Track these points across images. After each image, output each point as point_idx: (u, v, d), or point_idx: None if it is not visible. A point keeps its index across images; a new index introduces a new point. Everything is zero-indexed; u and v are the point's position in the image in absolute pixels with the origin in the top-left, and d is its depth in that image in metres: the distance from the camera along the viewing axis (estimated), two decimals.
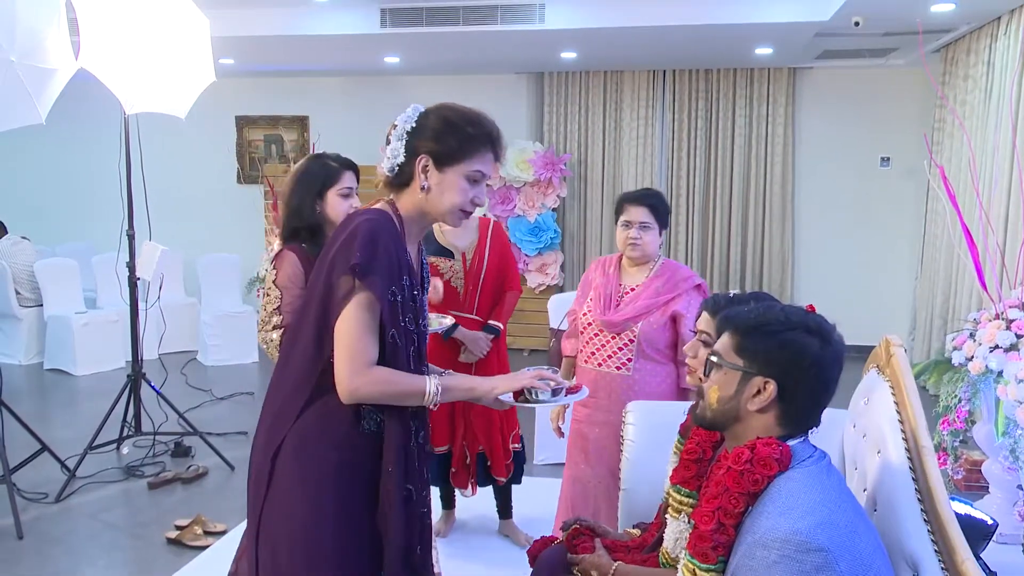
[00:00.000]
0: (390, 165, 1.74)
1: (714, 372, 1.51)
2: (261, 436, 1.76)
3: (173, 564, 3.35)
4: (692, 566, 1.41)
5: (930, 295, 5.98)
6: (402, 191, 1.76)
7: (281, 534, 1.69)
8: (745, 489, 1.37)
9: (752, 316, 1.48)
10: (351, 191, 2.62)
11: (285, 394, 1.73)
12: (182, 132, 5.98)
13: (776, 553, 1.27)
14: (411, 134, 1.72)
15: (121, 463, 4.42)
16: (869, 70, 6.94)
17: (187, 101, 4.22)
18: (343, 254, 1.64)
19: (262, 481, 1.71)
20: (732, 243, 7.31)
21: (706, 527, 1.39)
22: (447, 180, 1.72)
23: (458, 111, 1.74)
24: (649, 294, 2.76)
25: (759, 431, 1.45)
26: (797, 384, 1.43)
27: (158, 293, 4.63)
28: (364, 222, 1.67)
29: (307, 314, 1.72)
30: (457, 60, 6.92)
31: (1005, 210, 4.67)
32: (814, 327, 1.45)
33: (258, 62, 7.15)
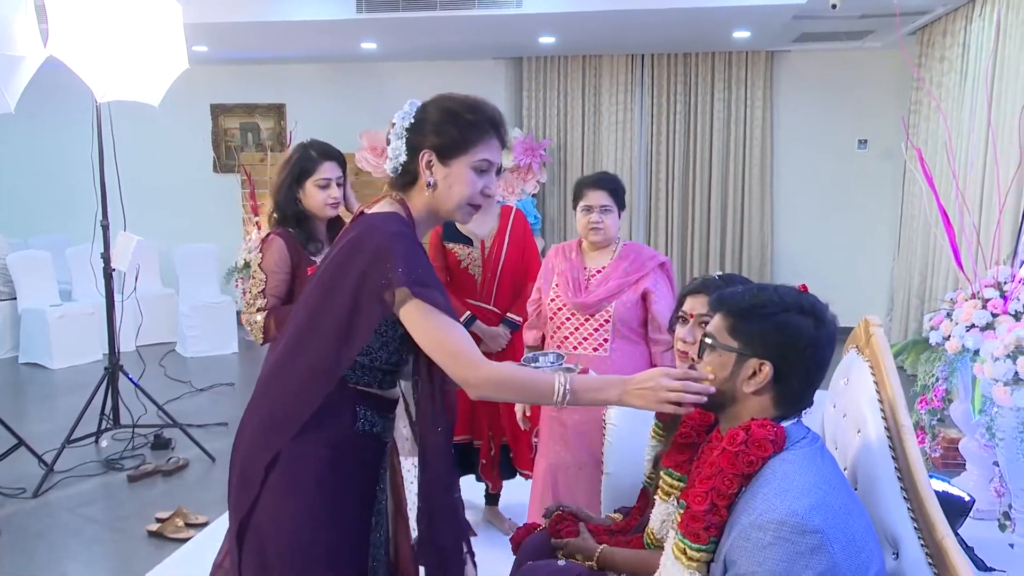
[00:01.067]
0: (393, 166, 1.69)
1: (708, 353, 1.50)
2: (250, 436, 1.68)
3: (154, 557, 3.32)
4: (683, 545, 1.40)
5: (907, 276, 6.03)
6: (410, 190, 1.70)
7: (270, 535, 1.64)
8: (740, 470, 1.37)
9: (746, 298, 1.47)
10: (329, 182, 2.62)
11: (287, 401, 1.65)
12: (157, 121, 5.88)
13: (771, 535, 1.27)
14: (411, 130, 1.66)
15: (100, 456, 4.38)
16: (846, 53, 6.97)
17: (160, 88, 4.15)
18: (382, 271, 1.57)
19: (252, 485, 1.64)
20: (712, 226, 7.33)
21: (699, 507, 1.38)
22: (453, 173, 1.65)
23: (455, 99, 1.68)
24: (619, 274, 2.79)
25: (754, 412, 1.45)
26: (792, 366, 1.43)
27: (134, 284, 4.57)
28: (394, 236, 1.60)
29: (320, 321, 1.64)
30: (434, 46, 6.86)
31: (980, 191, 4.71)
32: (808, 308, 1.45)
33: (233, 49, 7.05)
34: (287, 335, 1.71)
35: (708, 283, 1.89)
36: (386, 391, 1.73)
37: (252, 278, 2.58)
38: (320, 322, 1.64)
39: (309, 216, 2.66)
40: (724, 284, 1.86)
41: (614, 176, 2.91)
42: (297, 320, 1.70)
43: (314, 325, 1.65)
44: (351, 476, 1.68)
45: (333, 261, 1.67)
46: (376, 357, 1.67)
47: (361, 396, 1.68)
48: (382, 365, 1.68)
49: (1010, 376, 2.51)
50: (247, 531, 1.65)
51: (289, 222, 2.61)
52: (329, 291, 1.64)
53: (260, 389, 1.73)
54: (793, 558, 1.25)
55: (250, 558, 1.65)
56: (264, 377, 1.73)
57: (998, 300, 3.11)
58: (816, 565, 1.25)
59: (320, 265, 1.76)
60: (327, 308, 1.63)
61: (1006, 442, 2.56)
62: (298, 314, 1.71)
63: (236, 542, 1.67)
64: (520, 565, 1.99)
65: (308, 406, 1.63)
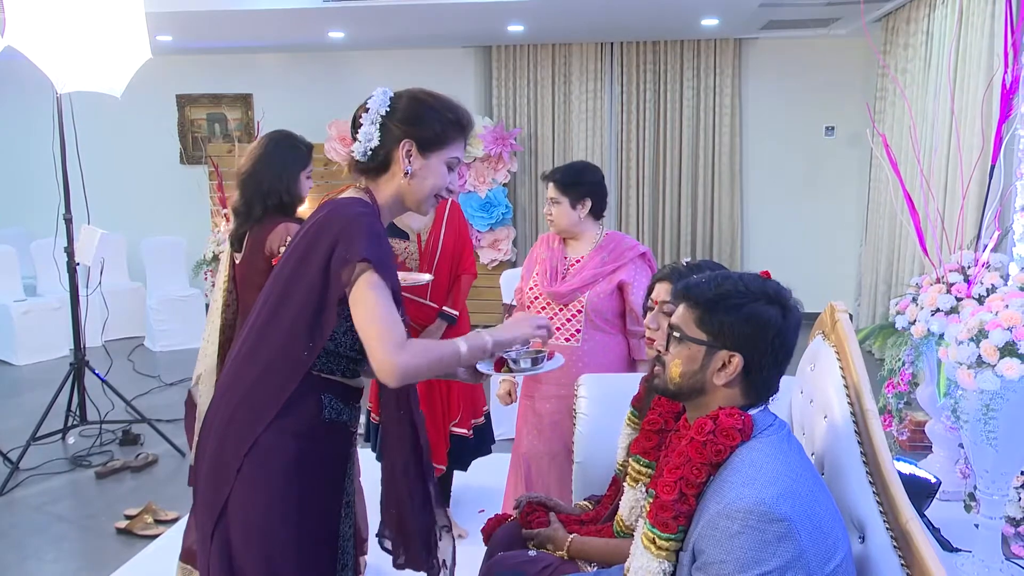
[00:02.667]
0: (363, 149, 1.70)
1: (675, 345, 1.49)
2: (223, 425, 1.65)
3: (124, 554, 3.28)
4: (652, 535, 1.40)
5: (874, 261, 6.11)
6: (378, 177, 1.73)
7: (239, 526, 1.62)
8: (708, 459, 1.37)
9: (711, 288, 1.46)
10: (310, 173, 2.76)
11: (259, 388, 1.63)
12: (121, 112, 5.80)
13: (739, 523, 1.27)
14: (386, 117, 1.69)
15: (67, 453, 4.32)
16: (812, 40, 7.01)
17: (122, 79, 4.08)
18: (346, 246, 1.58)
19: (226, 478, 1.62)
20: (682, 213, 7.37)
21: (668, 497, 1.38)
22: (430, 166, 1.72)
23: (434, 96, 1.74)
24: (595, 264, 2.77)
25: (722, 402, 1.45)
26: (762, 356, 1.43)
27: (99, 278, 4.50)
28: (360, 215, 1.64)
29: (286, 306, 1.64)
30: (403, 34, 6.81)
31: (944, 177, 4.77)
32: (774, 296, 1.44)
33: (198, 39, 6.94)
34: (254, 322, 1.70)
35: (675, 270, 1.90)
36: (350, 380, 1.73)
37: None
38: (289, 305, 1.64)
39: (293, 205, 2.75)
40: (692, 271, 1.87)
41: (568, 166, 2.88)
42: (263, 307, 1.69)
43: (283, 309, 1.65)
44: (322, 466, 1.68)
45: (299, 244, 1.68)
46: (341, 342, 1.66)
47: (326, 384, 1.68)
48: (346, 351, 1.68)
49: (973, 359, 2.54)
50: (220, 522, 1.63)
51: (288, 211, 2.67)
52: (297, 273, 1.64)
53: (229, 378, 1.70)
54: (760, 546, 1.26)
55: (219, 549, 1.63)
56: (233, 366, 1.71)
57: (962, 284, 3.16)
58: (783, 553, 1.26)
59: (284, 254, 1.75)
60: (296, 290, 1.64)
61: (970, 424, 2.59)
62: (265, 301, 1.69)
63: (208, 533, 1.64)
64: (491, 556, 1.99)
65: (281, 392, 1.62)
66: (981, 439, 2.59)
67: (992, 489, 2.67)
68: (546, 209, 2.87)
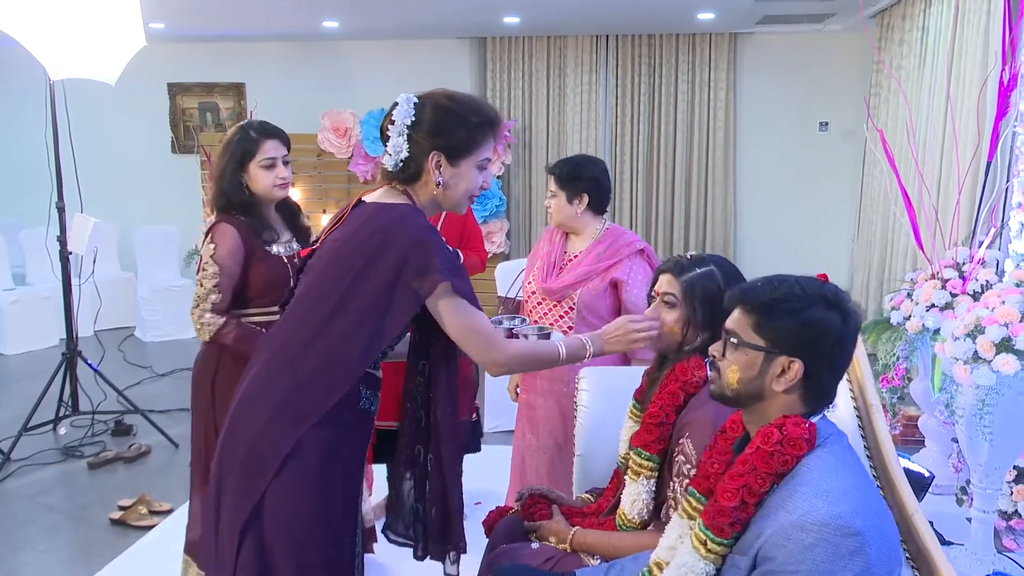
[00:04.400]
0: (394, 161, 1.73)
1: (731, 351, 1.45)
2: (265, 420, 1.65)
3: (118, 546, 3.27)
4: (705, 537, 1.39)
5: (867, 257, 6.13)
6: (412, 184, 1.76)
7: (273, 525, 1.63)
8: (774, 469, 1.35)
9: (767, 291, 1.42)
10: (274, 161, 2.43)
11: (312, 388, 1.65)
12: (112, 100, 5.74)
13: (814, 536, 1.26)
14: (412, 128, 1.71)
15: (58, 444, 4.29)
16: (807, 35, 7.02)
17: (116, 66, 4.04)
18: (420, 262, 1.64)
19: (266, 471, 1.62)
20: (676, 206, 7.37)
21: (728, 503, 1.37)
22: (460, 173, 1.75)
23: (456, 100, 1.75)
24: (590, 260, 2.74)
25: (782, 409, 1.42)
26: (821, 362, 1.39)
27: (92, 268, 4.46)
28: (427, 230, 1.69)
29: (346, 313, 1.65)
30: (397, 25, 6.77)
31: (938, 173, 4.79)
32: (833, 300, 1.40)
33: (191, 26, 6.88)
34: (299, 316, 1.72)
35: (678, 262, 1.89)
36: (377, 370, 1.79)
37: (203, 270, 2.40)
38: (349, 312, 1.66)
39: (257, 202, 2.48)
40: (695, 264, 1.86)
41: (569, 160, 2.84)
42: (311, 313, 1.70)
43: (341, 316, 1.66)
44: (352, 455, 1.73)
45: (355, 247, 1.68)
46: (390, 344, 1.73)
47: (363, 377, 1.72)
48: (385, 348, 1.73)
49: (970, 355, 2.56)
50: (253, 519, 1.63)
51: (236, 209, 2.43)
52: (360, 281, 1.66)
53: (273, 372, 1.70)
54: (833, 559, 1.25)
55: (252, 546, 1.63)
56: (276, 360, 1.71)
57: (957, 280, 3.18)
58: (854, 567, 1.26)
59: (324, 249, 1.76)
60: (358, 298, 1.65)
61: (966, 419, 2.61)
62: (314, 308, 1.70)
63: (238, 531, 1.63)
64: (493, 548, 2.00)
65: (330, 394, 1.65)
66: (976, 434, 2.61)
67: (986, 483, 2.70)
68: (546, 202, 2.86)
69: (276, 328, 1.83)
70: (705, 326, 1.82)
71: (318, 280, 1.72)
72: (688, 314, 1.83)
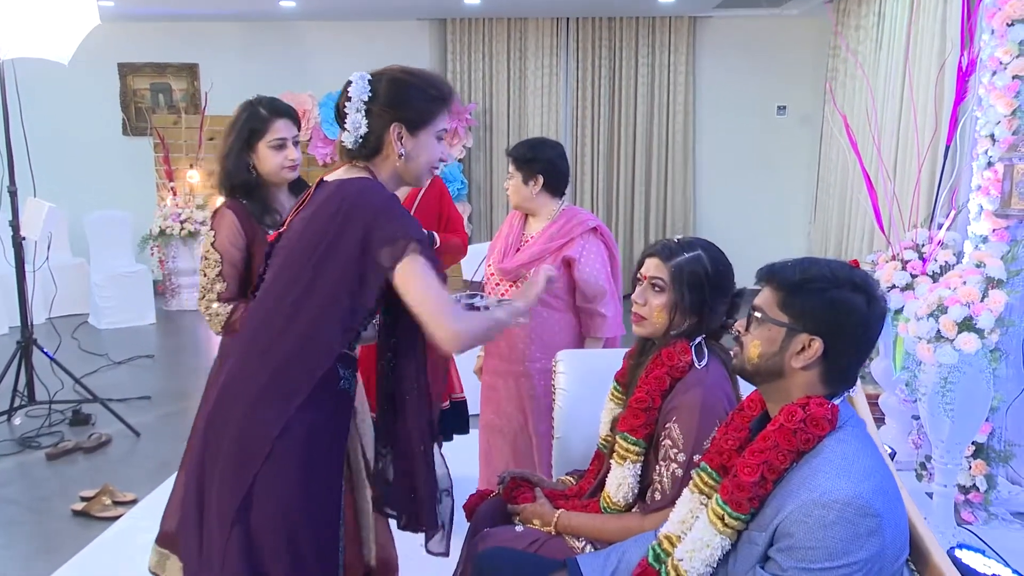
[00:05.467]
0: (353, 138, 1.73)
1: (756, 327, 1.47)
2: (246, 409, 1.64)
3: (82, 537, 3.19)
4: (723, 512, 1.41)
5: (823, 238, 6.26)
6: (373, 159, 1.76)
7: (264, 511, 1.62)
8: (795, 447, 1.38)
9: (796, 271, 1.44)
10: (284, 142, 2.35)
11: (292, 369, 1.65)
12: (59, 81, 5.59)
13: (835, 514, 1.29)
14: (370, 102, 1.72)
15: (14, 435, 4.17)
16: (765, 20, 7.10)
17: (70, 46, 3.91)
18: (385, 229, 1.63)
19: (255, 459, 1.61)
20: (636, 189, 7.43)
21: (748, 478, 1.38)
22: (420, 143, 1.76)
23: (411, 72, 1.77)
24: (543, 240, 2.76)
25: (803, 388, 1.44)
26: (843, 343, 1.41)
27: (46, 254, 4.33)
28: (390, 199, 1.69)
29: (316, 293, 1.65)
30: (356, 5, 6.68)
31: (894, 156, 4.90)
32: (860, 284, 1.42)
33: (142, 5, 6.70)
34: (271, 304, 1.71)
35: (666, 246, 1.90)
36: (354, 350, 1.79)
37: (204, 259, 2.34)
38: (320, 291, 1.65)
39: (263, 184, 2.40)
40: (683, 248, 1.88)
41: (524, 143, 2.86)
42: (283, 296, 1.69)
43: (312, 296, 1.66)
44: (335, 437, 1.74)
45: (320, 225, 1.67)
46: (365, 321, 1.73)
47: (340, 357, 1.72)
48: (362, 327, 1.73)
49: (933, 334, 2.63)
50: (244, 506, 1.62)
51: (239, 192, 2.36)
52: (327, 255, 1.65)
53: (251, 360, 1.69)
54: (852, 538, 1.28)
55: (241, 533, 1.62)
56: (252, 349, 1.70)
57: (917, 262, 3.26)
58: (870, 546, 1.29)
59: (290, 231, 1.75)
60: (326, 273, 1.65)
61: (928, 397, 2.69)
62: (286, 290, 1.69)
63: (229, 519, 1.62)
64: (475, 532, 2.00)
65: (312, 375, 1.65)
66: (938, 411, 2.69)
67: (947, 459, 2.78)
68: (505, 183, 2.90)
69: (250, 315, 1.81)
70: (692, 311, 1.84)
71: (286, 263, 1.72)
72: (676, 299, 1.84)
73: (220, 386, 1.72)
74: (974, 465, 2.92)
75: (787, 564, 1.32)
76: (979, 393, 2.65)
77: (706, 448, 1.66)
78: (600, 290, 2.70)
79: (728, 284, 1.88)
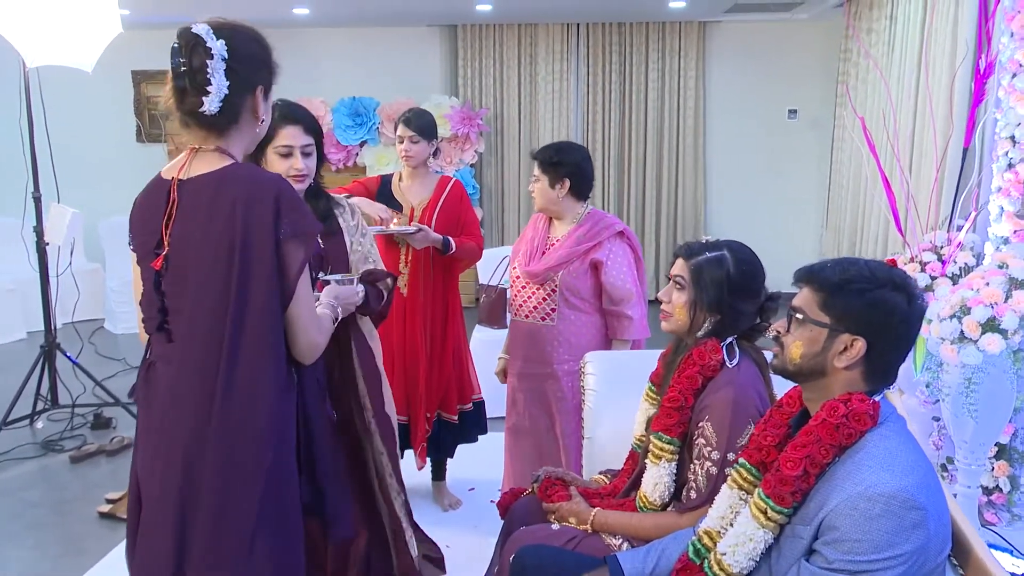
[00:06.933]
0: (216, 101, 1.52)
1: (796, 327, 1.50)
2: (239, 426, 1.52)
3: (109, 539, 3.23)
4: (765, 506, 1.44)
5: (836, 243, 6.27)
6: (229, 131, 1.58)
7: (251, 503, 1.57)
8: (838, 442, 1.40)
9: (836, 272, 1.47)
10: (290, 150, 2.23)
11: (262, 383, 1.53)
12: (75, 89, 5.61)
13: (881, 507, 1.31)
14: (230, 61, 1.53)
15: (37, 438, 4.21)
16: (776, 24, 7.12)
17: (93, 53, 3.96)
18: (293, 219, 1.51)
19: (259, 472, 1.54)
20: (647, 194, 7.44)
21: (791, 472, 1.41)
22: (268, 106, 1.65)
23: (251, 28, 1.62)
24: (570, 243, 2.80)
25: (844, 386, 1.46)
26: (884, 342, 1.44)
27: (69, 259, 4.37)
28: (284, 184, 1.57)
29: (252, 290, 1.50)
30: (368, 12, 6.72)
31: (909, 159, 4.91)
32: (900, 283, 1.45)
33: (157, 13, 6.74)
34: (201, 335, 1.53)
35: (690, 246, 1.95)
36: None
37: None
38: (251, 291, 1.50)
39: None
40: (707, 249, 1.91)
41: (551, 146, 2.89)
42: (207, 329, 1.52)
43: (250, 295, 1.50)
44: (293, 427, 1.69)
45: (218, 238, 1.50)
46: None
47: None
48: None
49: (956, 335, 2.65)
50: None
51: None
52: (244, 274, 1.49)
53: (200, 417, 1.53)
54: (897, 531, 1.31)
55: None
56: (199, 409, 1.54)
57: (936, 264, 3.28)
58: (915, 539, 1.31)
59: (177, 251, 1.55)
60: (252, 277, 1.50)
61: (951, 398, 2.70)
62: (205, 305, 1.52)
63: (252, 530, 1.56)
64: (510, 530, 2.02)
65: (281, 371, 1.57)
66: (962, 412, 2.70)
67: (971, 459, 2.79)
68: (530, 186, 2.91)
69: (177, 370, 1.58)
70: (712, 309, 1.87)
71: (199, 295, 1.53)
72: (695, 297, 1.87)
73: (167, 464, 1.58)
74: (997, 466, 2.94)
75: (833, 557, 1.34)
76: (1003, 394, 2.67)
77: (740, 445, 1.69)
78: (627, 293, 2.73)
79: (754, 285, 1.90)
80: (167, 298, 1.57)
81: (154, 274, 1.57)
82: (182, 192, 1.55)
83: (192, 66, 1.51)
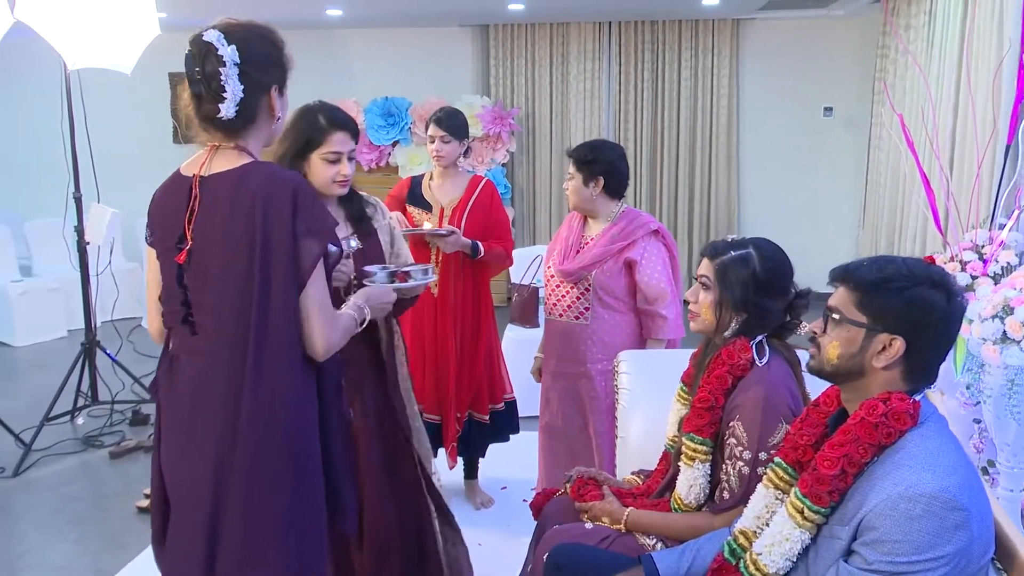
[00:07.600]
0: (233, 106, 1.56)
1: (833, 328, 1.47)
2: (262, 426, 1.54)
3: (146, 534, 3.13)
4: (802, 506, 1.42)
5: (873, 241, 6.17)
6: (246, 132, 1.62)
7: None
8: (877, 441, 1.38)
9: (873, 271, 1.44)
10: (339, 156, 2.21)
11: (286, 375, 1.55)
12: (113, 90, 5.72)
13: (922, 507, 1.29)
14: (243, 65, 1.56)
15: (78, 434, 4.29)
16: (811, 21, 7.04)
17: (132, 56, 4.03)
18: (308, 217, 1.54)
19: (289, 464, 1.57)
20: (679, 193, 7.40)
21: (828, 471, 1.39)
22: (285, 103, 1.68)
23: (267, 27, 1.66)
24: (604, 242, 2.78)
25: (883, 386, 1.44)
26: (924, 341, 1.40)
27: (109, 258, 4.46)
28: (302, 182, 1.60)
29: (274, 284, 1.52)
30: (401, 12, 6.75)
31: (950, 157, 4.83)
32: (939, 281, 1.42)
33: (193, 16, 6.82)
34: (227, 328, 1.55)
35: (714, 245, 1.94)
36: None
37: None
38: (271, 288, 1.52)
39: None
40: (731, 247, 1.89)
41: (586, 144, 2.88)
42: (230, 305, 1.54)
43: (268, 291, 1.52)
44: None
45: (240, 235, 1.53)
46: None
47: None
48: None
49: (998, 335, 2.59)
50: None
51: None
52: (264, 268, 1.52)
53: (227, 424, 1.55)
54: (939, 531, 1.28)
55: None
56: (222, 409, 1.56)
57: (977, 263, 3.22)
58: (958, 540, 1.29)
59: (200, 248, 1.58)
60: (273, 272, 1.52)
61: (994, 399, 2.65)
62: (229, 298, 1.54)
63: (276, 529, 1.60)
64: (543, 530, 2.02)
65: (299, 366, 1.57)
66: (1004, 413, 2.65)
67: (1013, 462, 2.73)
68: (565, 184, 2.90)
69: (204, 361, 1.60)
70: (737, 308, 1.85)
71: (223, 289, 1.56)
72: (720, 296, 1.86)
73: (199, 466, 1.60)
74: None
75: (872, 558, 1.32)
76: None
77: (772, 444, 1.67)
78: (661, 292, 2.71)
79: (781, 282, 1.87)
80: (190, 292, 1.60)
81: (177, 268, 1.61)
82: (203, 188, 1.58)
83: (206, 73, 1.55)
